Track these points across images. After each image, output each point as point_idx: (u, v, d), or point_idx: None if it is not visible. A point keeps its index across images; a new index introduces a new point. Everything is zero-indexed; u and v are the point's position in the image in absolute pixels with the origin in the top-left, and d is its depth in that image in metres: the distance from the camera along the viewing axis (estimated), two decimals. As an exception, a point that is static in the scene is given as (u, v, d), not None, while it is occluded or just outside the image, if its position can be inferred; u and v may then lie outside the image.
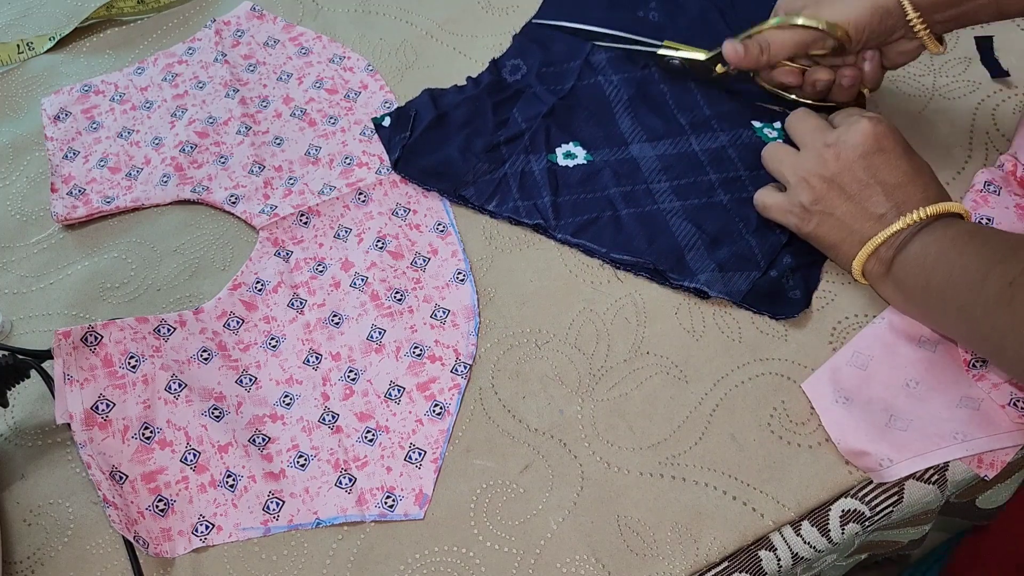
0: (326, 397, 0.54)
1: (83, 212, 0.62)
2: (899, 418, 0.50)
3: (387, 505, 0.50)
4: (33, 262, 0.61)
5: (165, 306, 0.58)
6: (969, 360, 0.51)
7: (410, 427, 0.53)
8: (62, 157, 0.65)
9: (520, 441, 0.52)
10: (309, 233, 0.60)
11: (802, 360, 0.53)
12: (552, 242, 0.59)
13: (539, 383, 0.54)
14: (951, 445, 0.48)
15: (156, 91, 0.68)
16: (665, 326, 0.55)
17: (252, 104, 0.67)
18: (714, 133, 0.61)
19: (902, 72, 0.63)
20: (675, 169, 0.60)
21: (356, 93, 0.67)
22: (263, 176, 0.63)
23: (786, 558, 0.48)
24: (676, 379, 0.53)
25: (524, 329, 0.56)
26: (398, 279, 0.58)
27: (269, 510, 0.51)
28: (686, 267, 0.56)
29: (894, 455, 0.48)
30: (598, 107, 0.63)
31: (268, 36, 0.71)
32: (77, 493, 0.52)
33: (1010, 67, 0.62)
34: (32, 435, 0.54)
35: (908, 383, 0.51)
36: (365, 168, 0.63)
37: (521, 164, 0.61)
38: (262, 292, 0.58)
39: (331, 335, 0.56)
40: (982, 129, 0.60)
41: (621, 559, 0.48)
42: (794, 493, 0.49)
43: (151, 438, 0.52)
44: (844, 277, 0.56)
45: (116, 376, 0.53)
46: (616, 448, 0.51)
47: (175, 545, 0.50)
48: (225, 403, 0.54)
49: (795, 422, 0.51)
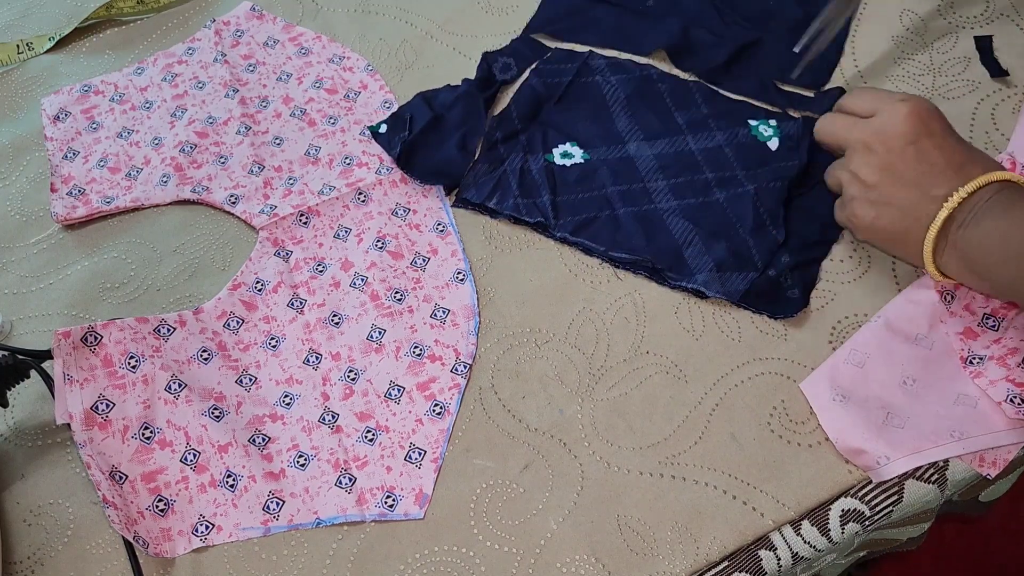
0: (326, 397, 0.54)
1: (83, 212, 0.62)
2: (896, 416, 0.50)
3: (387, 505, 0.50)
4: (33, 262, 0.61)
5: (165, 306, 0.58)
6: (966, 356, 0.51)
7: (410, 427, 0.53)
8: (62, 157, 0.65)
9: (520, 441, 0.52)
10: (309, 233, 0.60)
11: (802, 359, 0.53)
12: (552, 242, 0.59)
13: (539, 383, 0.54)
14: (948, 443, 0.49)
15: (156, 91, 0.68)
16: (665, 326, 0.55)
17: (252, 104, 0.67)
18: (711, 132, 0.61)
19: (902, 72, 0.63)
20: (672, 168, 0.60)
21: (356, 93, 0.67)
22: (263, 176, 0.63)
23: (786, 557, 0.48)
24: (676, 379, 0.53)
25: (524, 329, 0.56)
26: (398, 279, 0.58)
27: (269, 510, 0.51)
28: (684, 265, 0.56)
29: (891, 453, 0.48)
30: (595, 105, 0.63)
31: (268, 36, 0.71)
32: (77, 493, 0.52)
33: (1009, 67, 0.62)
34: (32, 435, 0.54)
35: (905, 380, 0.51)
36: (365, 168, 0.63)
37: (519, 162, 0.61)
38: (262, 292, 0.58)
39: (331, 335, 0.56)
40: (982, 129, 0.60)
41: (621, 559, 0.48)
42: (794, 492, 0.49)
43: (151, 438, 0.52)
44: (844, 276, 0.56)
45: (116, 376, 0.53)
46: (616, 448, 0.51)
47: (175, 545, 0.50)
48: (225, 403, 0.54)
49: (795, 421, 0.51)
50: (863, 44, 0.65)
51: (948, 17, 0.66)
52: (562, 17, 0.68)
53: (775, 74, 0.64)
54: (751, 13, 0.67)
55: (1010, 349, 0.50)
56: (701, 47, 0.65)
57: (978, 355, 0.51)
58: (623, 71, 0.65)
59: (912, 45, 0.65)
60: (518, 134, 0.62)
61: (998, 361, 0.50)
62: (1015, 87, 0.62)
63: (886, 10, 0.66)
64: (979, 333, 0.52)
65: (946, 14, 0.66)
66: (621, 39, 0.67)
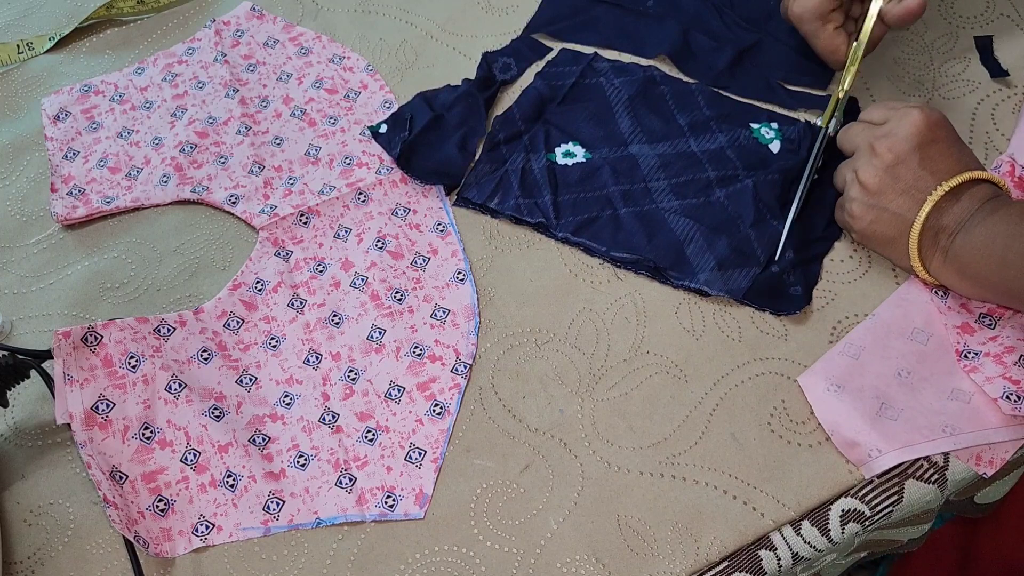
0: (326, 397, 0.54)
1: (83, 212, 0.62)
2: (890, 407, 0.50)
3: (387, 505, 0.50)
4: (33, 262, 0.61)
5: (165, 306, 0.58)
6: (962, 350, 0.51)
7: (410, 427, 0.53)
8: (62, 157, 0.65)
9: (520, 441, 0.52)
10: (309, 233, 0.60)
11: (802, 359, 0.53)
12: (552, 242, 0.59)
13: (539, 383, 0.54)
14: (940, 438, 0.49)
15: (156, 91, 0.68)
16: (665, 325, 0.55)
17: (252, 104, 0.67)
18: (713, 134, 0.61)
19: (902, 72, 0.63)
20: (673, 168, 0.60)
21: (356, 93, 0.67)
22: (263, 176, 0.63)
23: (786, 557, 0.48)
24: (676, 378, 0.53)
25: (524, 329, 0.56)
26: (398, 279, 0.58)
27: (269, 510, 0.51)
28: (686, 263, 0.56)
29: (883, 445, 0.48)
30: (598, 106, 0.63)
31: (268, 36, 0.71)
32: (77, 493, 0.52)
33: (1009, 67, 0.62)
34: (32, 435, 0.54)
35: (900, 372, 0.51)
36: (365, 168, 0.63)
37: (521, 162, 0.61)
38: (262, 292, 0.58)
39: (331, 335, 0.56)
40: (982, 129, 0.60)
41: (621, 559, 0.48)
42: (794, 492, 0.49)
43: (151, 438, 0.52)
44: (845, 276, 0.56)
45: (116, 376, 0.53)
46: (616, 448, 0.51)
47: (175, 545, 0.50)
48: (225, 403, 0.54)
49: (795, 421, 0.51)
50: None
51: (948, 17, 0.66)
52: (562, 17, 0.68)
53: (778, 75, 0.64)
54: (751, 14, 0.67)
55: (1007, 347, 0.50)
56: (702, 52, 0.65)
57: (974, 350, 0.51)
58: (627, 73, 0.65)
59: (912, 45, 0.65)
60: (521, 135, 0.62)
61: (994, 359, 0.50)
62: (1015, 87, 0.62)
63: (886, 10, 0.66)
64: (976, 329, 0.52)
65: (946, 14, 0.66)
66: (622, 39, 0.67)
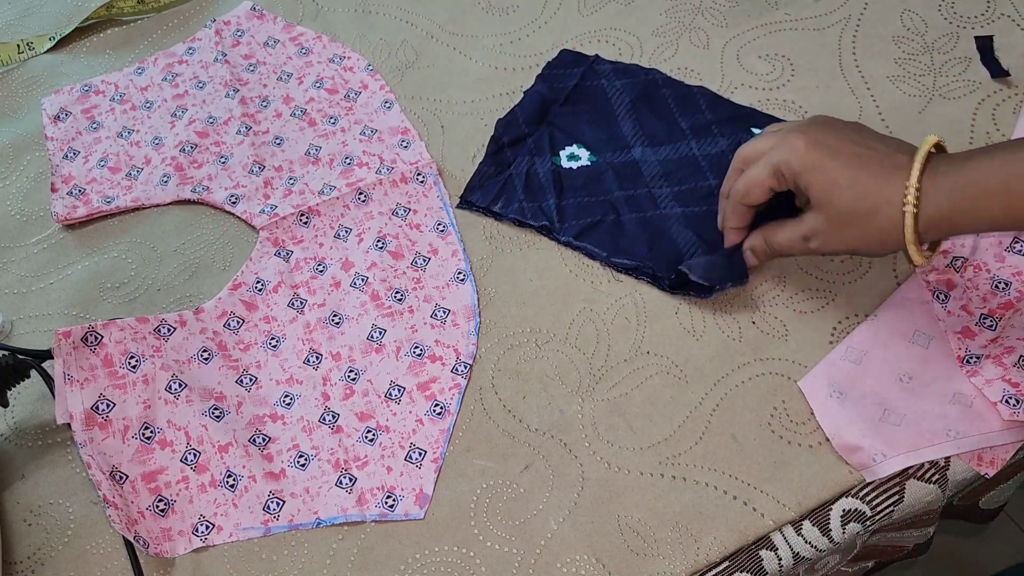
0: (326, 397, 0.54)
1: (83, 212, 0.62)
2: (892, 412, 0.50)
3: (387, 505, 0.50)
4: (33, 262, 0.61)
5: (165, 306, 0.58)
6: (963, 356, 0.51)
7: (410, 427, 0.53)
8: (62, 157, 0.65)
9: (520, 441, 0.52)
10: (309, 233, 0.60)
11: (802, 360, 0.53)
12: (553, 242, 0.59)
13: (539, 383, 0.54)
14: (943, 442, 0.49)
15: (156, 91, 0.68)
16: (665, 326, 0.55)
17: (252, 104, 0.67)
18: (714, 139, 0.61)
19: (902, 72, 0.63)
20: (676, 175, 0.60)
21: (356, 93, 0.67)
22: (263, 176, 0.63)
23: (787, 558, 0.48)
24: (676, 379, 0.53)
25: (524, 329, 0.56)
26: (398, 279, 0.58)
27: (269, 510, 0.51)
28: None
29: (887, 450, 0.48)
30: (600, 109, 0.63)
31: (268, 36, 0.71)
32: (77, 493, 0.52)
33: (1010, 67, 0.62)
34: (32, 435, 0.54)
35: (901, 377, 0.51)
36: (365, 168, 0.63)
37: (526, 166, 0.61)
38: (262, 292, 0.58)
39: (331, 335, 0.56)
40: (982, 129, 0.60)
41: (621, 559, 0.48)
42: (795, 492, 0.49)
43: (151, 438, 0.52)
44: (844, 277, 0.56)
45: (116, 376, 0.53)
46: (616, 448, 0.51)
47: (175, 545, 0.50)
48: (225, 403, 0.54)
49: (795, 421, 0.51)
50: (863, 44, 0.65)
51: (948, 17, 0.66)
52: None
53: None
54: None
55: (1006, 348, 0.50)
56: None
57: (975, 355, 0.51)
58: (628, 75, 0.65)
59: (912, 45, 0.65)
60: (525, 138, 0.62)
61: (994, 360, 0.50)
62: (1015, 87, 0.62)
63: (886, 10, 0.66)
64: (976, 332, 0.52)
65: (946, 14, 0.66)
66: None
